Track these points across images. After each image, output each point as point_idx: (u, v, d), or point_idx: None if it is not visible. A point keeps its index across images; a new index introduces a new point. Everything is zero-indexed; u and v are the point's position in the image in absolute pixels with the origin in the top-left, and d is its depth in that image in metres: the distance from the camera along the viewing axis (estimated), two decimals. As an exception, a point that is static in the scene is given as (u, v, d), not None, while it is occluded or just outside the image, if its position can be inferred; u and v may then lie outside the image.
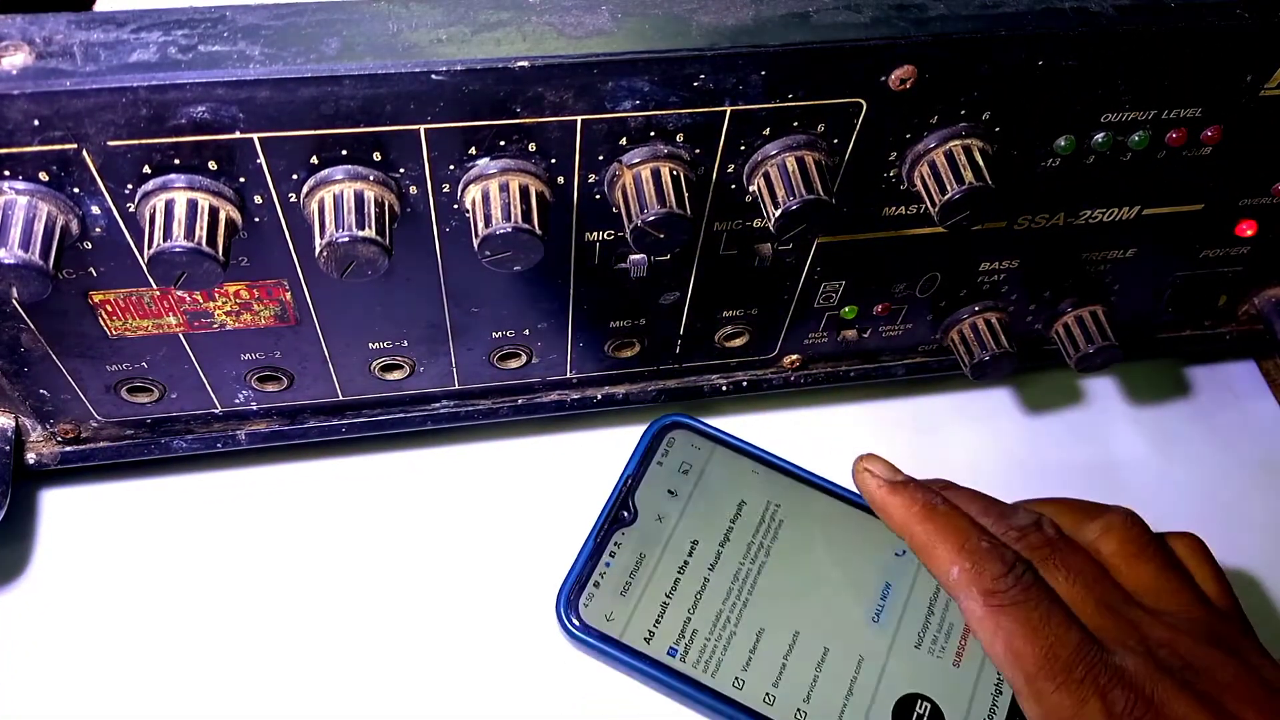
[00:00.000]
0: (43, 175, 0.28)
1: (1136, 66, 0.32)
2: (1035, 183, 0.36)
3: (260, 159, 0.29)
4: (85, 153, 0.28)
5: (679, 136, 0.31)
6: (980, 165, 0.32)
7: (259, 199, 0.30)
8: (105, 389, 0.37)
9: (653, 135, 0.31)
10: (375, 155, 0.29)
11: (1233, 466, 0.48)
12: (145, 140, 0.27)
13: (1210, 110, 0.35)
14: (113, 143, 0.27)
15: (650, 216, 0.31)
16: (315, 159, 0.29)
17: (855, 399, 0.48)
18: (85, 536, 0.41)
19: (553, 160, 0.31)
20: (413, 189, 0.31)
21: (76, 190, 0.29)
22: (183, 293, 0.34)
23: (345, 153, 0.29)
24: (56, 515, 0.42)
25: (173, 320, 0.34)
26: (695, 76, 0.29)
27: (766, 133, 0.32)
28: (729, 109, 0.31)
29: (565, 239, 0.34)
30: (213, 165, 0.29)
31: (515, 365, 0.40)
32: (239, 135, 0.28)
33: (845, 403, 0.48)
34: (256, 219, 0.31)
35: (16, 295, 0.28)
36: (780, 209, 0.31)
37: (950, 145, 0.33)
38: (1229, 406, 0.50)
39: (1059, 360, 0.44)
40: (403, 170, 0.30)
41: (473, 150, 0.30)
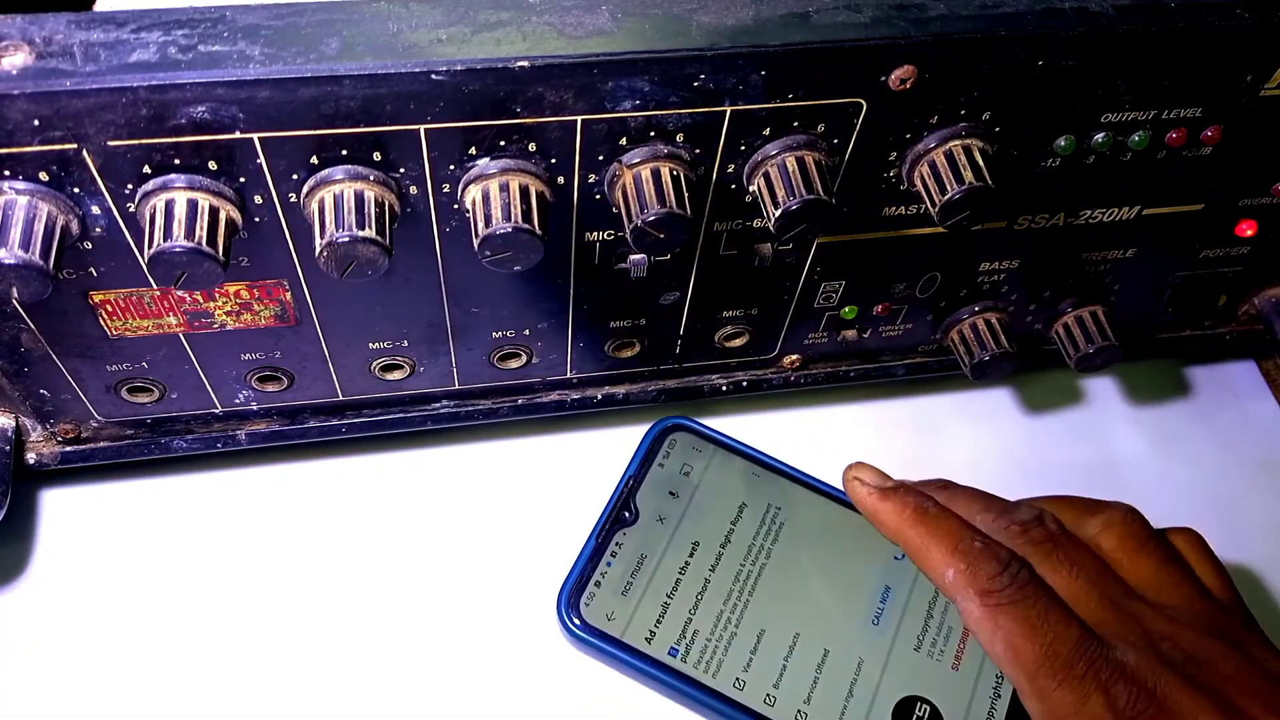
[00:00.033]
0: (43, 175, 0.28)
1: (1136, 66, 0.32)
2: (1035, 183, 0.36)
3: (260, 159, 0.29)
4: (85, 153, 0.28)
5: (679, 136, 0.31)
6: (980, 165, 0.32)
7: (259, 199, 0.30)
8: (105, 389, 0.37)
9: (653, 135, 0.31)
10: (375, 155, 0.29)
11: (1233, 466, 0.48)
12: (145, 140, 0.27)
13: (1210, 110, 0.35)
14: (113, 143, 0.27)
15: (650, 216, 0.31)
16: (315, 159, 0.29)
17: (855, 399, 0.48)
18: (85, 536, 0.41)
19: (553, 160, 0.31)
20: (413, 189, 0.31)
21: (76, 190, 0.29)
22: (183, 293, 0.34)
23: (345, 153, 0.29)
24: (56, 515, 0.42)
25: (173, 320, 0.34)
26: (695, 76, 0.29)
27: (766, 133, 0.32)
28: (729, 109, 0.31)
29: (565, 239, 0.34)
30: (213, 165, 0.29)
31: (515, 365, 0.40)
32: (239, 135, 0.28)
33: (845, 403, 0.48)
34: (256, 219, 0.31)
35: (16, 295, 0.28)
36: (780, 209, 0.31)
37: (950, 145, 0.33)
38: (1229, 406, 0.50)
39: (1059, 360, 0.44)
40: (403, 170, 0.30)
41: (473, 150, 0.30)
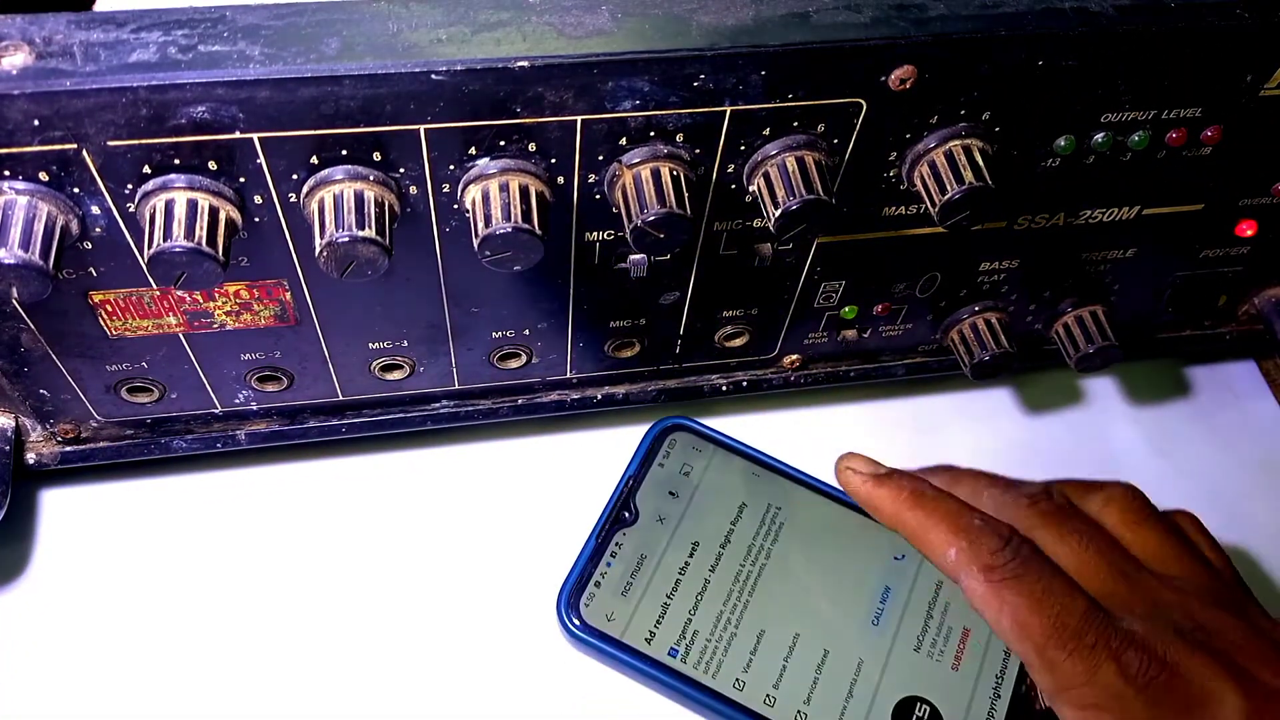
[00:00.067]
0: (43, 175, 0.28)
1: (1136, 66, 0.32)
2: (1035, 183, 0.36)
3: (260, 159, 0.29)
4: (85, 153, 0.28)
5: (679, 136, 0.31)
6: (980, 165, 0.32)
7: (259, 199, 0.30)
8: (105, 389, 0.37)
9: (653, 135, 0.31)
10: (375, 155, 0.29)
11: (1233, 466, 0.48)
12: (145, 140, 0.27)
13: (1210, 110, 0.35)
14: (113, 143, 0.27)
15: (650, 216, 0.31)
16: (315, 159, 0.29)
17: (855, 399, 0.48)
18: (85, 536, 0.41)
19: (553, 160, 0.31)
20: (413, 189, 0.31)
21: (76, 190, 0.28)
22: (183, 293, 0.34)
23: (345, 153, 0.29)
24: (56, 515, 0.42)
25: (173, 320, 0.34)
26: (695, 76, 0.29)
27: (766, 133, 0.32)
28: (729, 109, 0.31)
29: (565, 239, 0.34)
30: (213, 165, 0.29)
31: (515, 365, 0.40)
32: (239, 135, 0.28)
33: (845, 403, 0.48)
34: (256, 219, 0.31)
35: (16, 295, 0.28)
36: (780, 209, 0.31)
37: (950, 145, 0.33)
38: (1229, 406, 0.50)
39: (1059, 360, 0.44)
40: (403, 170, 0.30)
41: (473, 150, 0.30)
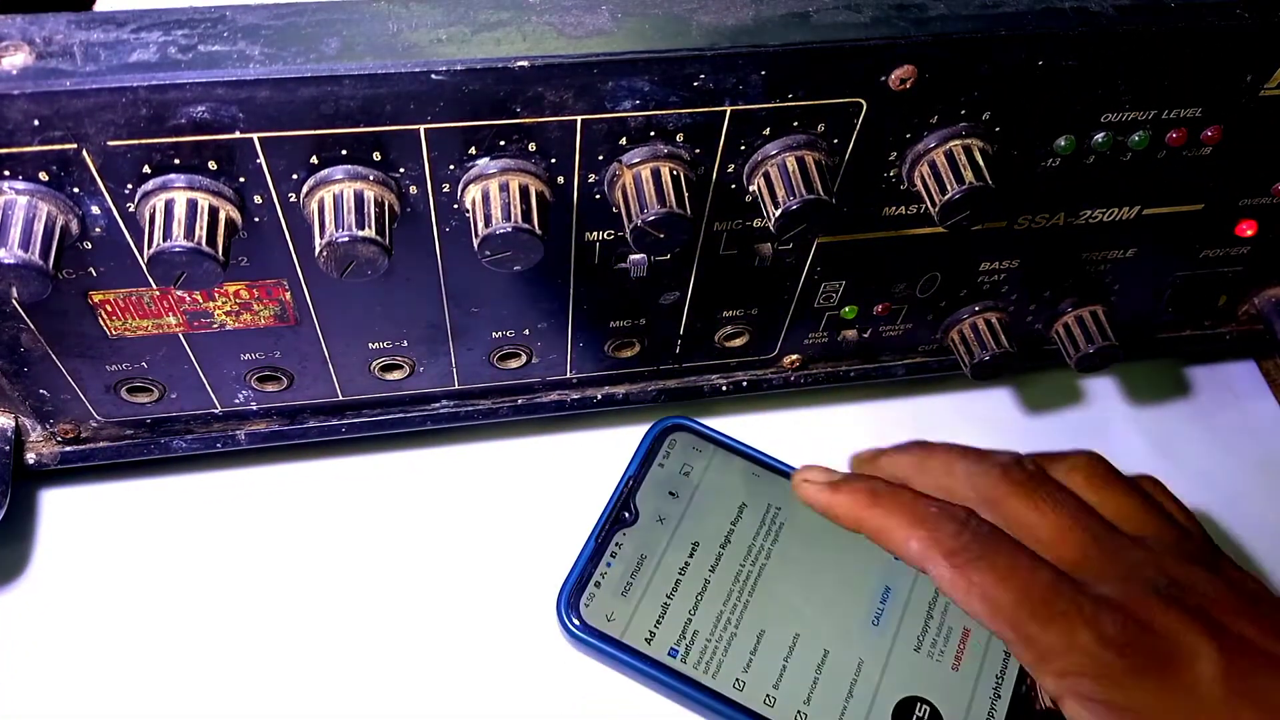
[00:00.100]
0: (43, 175, 0.28)
1: (1136, 66, 0.32)
2: (1035, 183, 0.36)
3: (260, 159, 0.29)
4: (85, 153, 0.28)
5: (679, 136, 0.31)
6: (980, 165, 0.32)
7: (259, 199, 0.30)
8: (105, 389, 0.37)
9: (653, 135, 0.31)
10: (375, 155, 0.29)
11: (1233, 466, 0.48)
12: (145, 140, 0.27)
13: (1210, 110, 0.35)
14: (113, 143, 0.27)
15: (650, 216, 0.31)
16: (315, 159, 0.29)
17: (855, 399, 0.48)
18: (85, 536, 0.41)
19: (553, 160, 0.31)
20: (413, 189, 0.31)
21: (76, 190, 0.28)
22: (183, 293, 0.34)
23: (345, 152, 0.29)
24: (56, 515, 0.42)
25: (173, 320, 0.34)
26: (695, 76, 0.29)
27: (766, 133, 0.32)
28: (729, 109, 0.31)
29: (565, 239, 0.34)
30: (213, 165, 0.29)
31: (515, 365, 0.40)
32: (239, 135, 0.28)
33: (845, 403, 0.48)
34: (256, 219, 0.31)
35: (16, 295, 0.28)
36: (780, 209, 0.31)
37: (950, 145, 0.33)
38: (1229, 406, 0.50)
39: (1059, 360, 0.44)
40: (403, 170, 0.30)
41: (473, 150, 0.30)
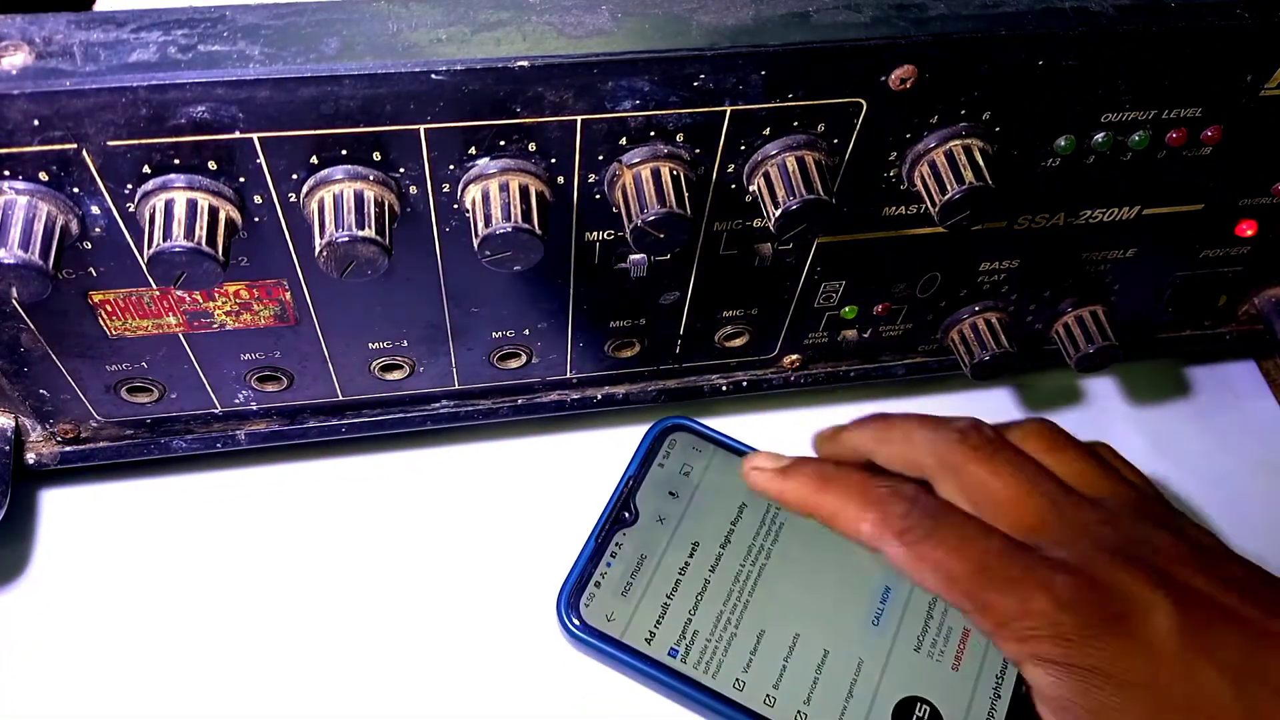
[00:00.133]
0: (43, 175, 0.28)
1: (1136, 66, 0.32)
2: (1035, 183, 0.36)
3: (260, 159, 0.29)
4: (85, 153, 0.28)
5: (679, 136, 0.31)
6: (980, 165, 0.32)
7: (259, 199, 0.30)
8: (105, 389, 0.37)
9: (653, 135, 0.31)
10: (375, 155, 0.29)
11: (1233, 466, 0.48)
12: (145, 140, 0.27)
13: (1210, 110, 0.35)
14: (113, 143, 0.27)
15: (650, 216, 0.31)
16: (315, 159, 0.29)
17: (855, 399, 0.48)
18: (85, 536, 0.41)
19: (553, 160, 0.31)
20: (413, 189, 0.31)
21: (76, 190, 0.29)
22: (183, 293, 0.34)
23: (345, 152, 0.29)
24: (56, 515, 0.42)
25: (173, 320, 0.34)
26: (695, 76, 0.29)
27: (766, 133, 0.32)
28: (729, 109, 0.31)
29: (565, 239, 0.34)
30: (213, 165, 0.29)
31: (515, 365, 0.40)
32: (239, 135, 0.28)
33: (845, 403, 0.48)
34: (256, 219, 0.31)
35: (16, 295, 0.28)
36: (780, 209, 0.31)
37: (950, 145, 0.33)
38: (1229, 406, 0.50)
39: (1059, 360, 0.44)
40: (403, 170, 0.30)
41: (473, 150, 0.30)
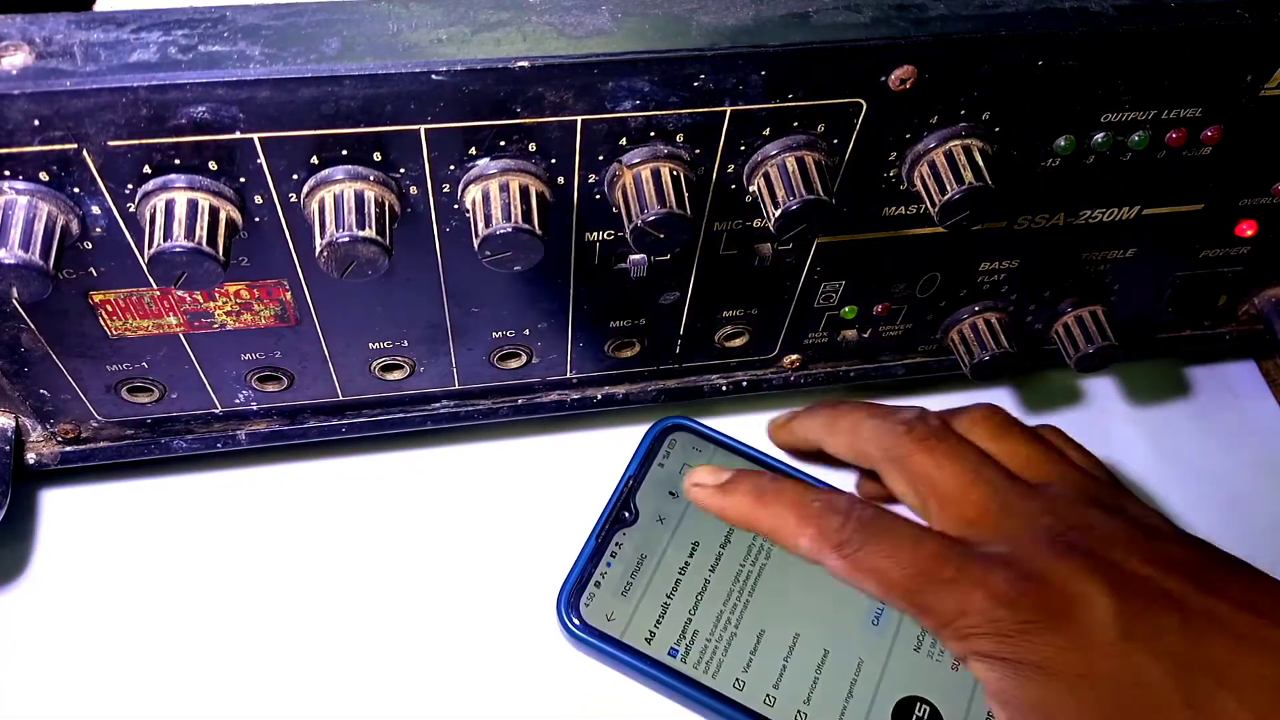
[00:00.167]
0: (43, 175, 0.28)
1: (1136, 66, 0.32)
2: (1035, 183, 0.36)
3: (260, 159, 0.29)
4: (85, 153, 0.28)
5: (679, 136, 0.31)
6: (980, 165, 0.32)
7: (259, 199, 0.30)
8: (105, 389, 0.37)
9: (653, 135, 0.31)
10: (375, 155, 0.29)
11: (1233, 466, 0.48)
12: (145, 140, 0.27)
13: (1210, 110, 0.35)
14: (113, 143, 0.27)
15: (650, 216, 0.31)
16: (315, 159, 0.29)
17: (855, 399, 0.48)
18: (85, 536, 0.41)
19: (553, 160, 0.31)
20: (413, 189, 0.31)
21: (76, 190, 0.29)
22: (183, 293, 0.34)
23: (345, 153, 0.29)
24: (56, 515, 0.42)
25: (173, 320, 0.34)
26: (695, 76, 0.29)
27: (766, 133, 0.32)
28: (729, 109, 0.31)
29: (565, 239, 0.34)
30: (213, 165, 0.29)
31: (515, 365, 0.40)
32: (239, 135, 0.28)
33: (845, 403, 0.48)
34: (257, 219, 0.31)
35: (16, 295, 0.28)
36: (780, 209, 0.31)
37: (950, 145, 0.33)
38: (1229, 406, 0.50)
39: (1059, 360, 0.44)
40: (403, 170, 0.30)
41: (473, 150, 0.30)
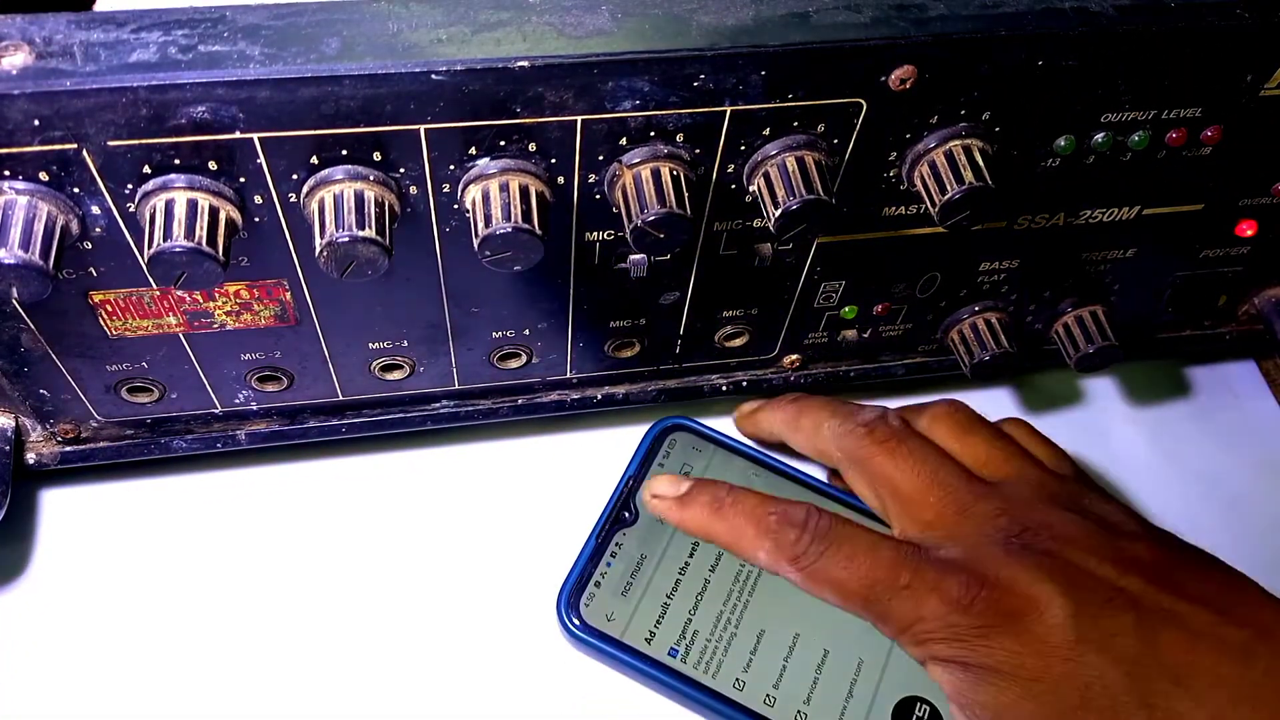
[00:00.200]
0: (43, 175, 0.28)
1: (1136, 66, 0.32)
2: (1035, 183, 0.36)
3: (260, 159, 0.29)
4: (85, 153, 0.28)
5: (679, 136, 0.31)
6: (980, 165, 0.32)
7: (259, 199, 0.30)
8: (105, 389, 0.37)
9: (653, 135, 0.31)
10: (375, 155, 0.29)
11: (1233, 466, 0.48)
12: (145, 140, 0.27)
13: (1210, 110, 0.35)
14: (113, 143, 0.27)
15: (650, 216, 0.31)
16: (315, 159, 0.29)
17: (855, 399, 0.48)
18: (85, 536, 0.41)
19: (553, 160, 0.31)
20: (413, 189, 0.31)
21: (76, 190, 0.29)
22: (183, 293, 0.34)
23: (345, 153, 0.29)
24: (56, 515, 0.42)
25: (173, 320, 0.34)
26: (695, 76, 0.29)
27: (766, 133, 0.32)
28: (729, 109, 0.31)
29: (565, 239, 0.34)
30: (213, 165, 0.29)
31: (515, 365, 0.40)
32: (239, 135, 0.28)
33: (845, 403, 0.48)
34: (256, 219, 0.31)
35: (16, 295, 0.28)
36: (780, 209, 0.31)
37: (950, 145, 0.33)
38: (1229, 406, 0.50)
39: (1059, 360, 0.44)
40: (403, 170, 0.30)
41: (473, 150, 0.30)
